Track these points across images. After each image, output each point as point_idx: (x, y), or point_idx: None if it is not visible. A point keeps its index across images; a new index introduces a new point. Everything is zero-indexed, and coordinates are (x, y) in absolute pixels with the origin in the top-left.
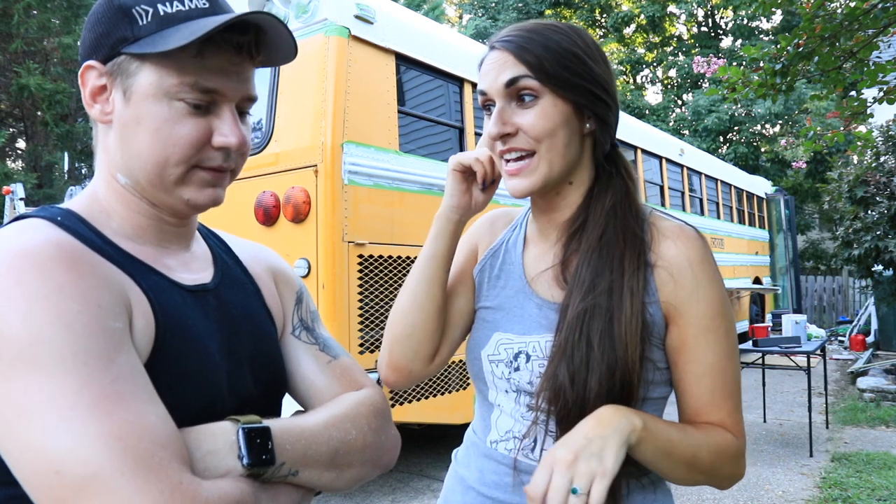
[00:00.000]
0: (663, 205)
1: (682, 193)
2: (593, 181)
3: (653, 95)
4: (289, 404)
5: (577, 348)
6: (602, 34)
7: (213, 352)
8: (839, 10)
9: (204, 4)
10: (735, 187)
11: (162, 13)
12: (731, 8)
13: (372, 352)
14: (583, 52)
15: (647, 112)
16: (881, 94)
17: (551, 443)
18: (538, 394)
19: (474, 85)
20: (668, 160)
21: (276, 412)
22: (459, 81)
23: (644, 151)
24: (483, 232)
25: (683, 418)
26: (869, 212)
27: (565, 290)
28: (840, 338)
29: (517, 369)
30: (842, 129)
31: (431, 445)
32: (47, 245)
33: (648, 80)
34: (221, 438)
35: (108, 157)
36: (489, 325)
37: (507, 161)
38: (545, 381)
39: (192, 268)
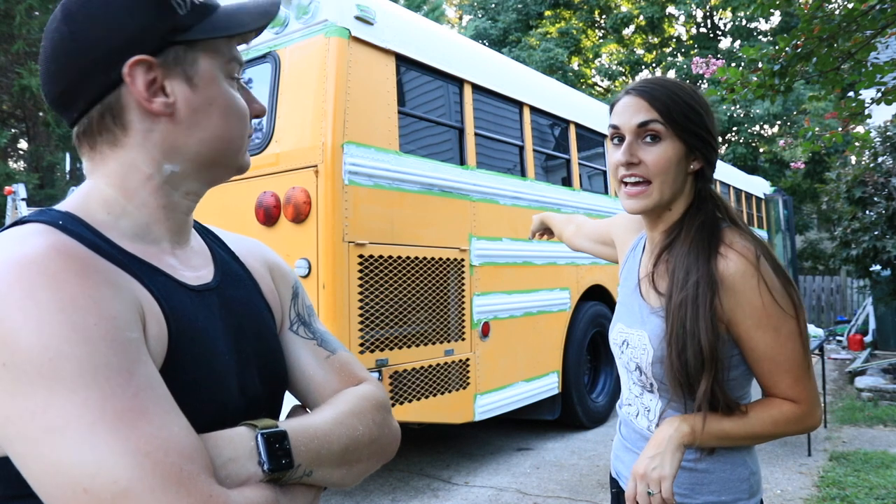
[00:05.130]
0: None
1: None
2: (689, 205)
3: None
4: (287, 399)
5: (677, 334)
6: (601, 35)
7: (223, 353)
8: (837, 12)
9: None
10: (734, 188)
11: (198, 2)
12: (729, 9)
13: (372, 351)
14: (699, 105)
15: None
16: (879, 94)
17: (646, 416)
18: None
19: (474, 86)
20: None
21: (279, 409)
22: (459, 82)
23: None
24: (622, 231)
25: (763, 391)
26: (867, 212)
27: (658, 293)
28: (838, 337)
29: (623, 352)
30: (840, 129)
31: (431, 445)
32: (55, 253)
33: None
34: (240, 445)
35: (149, 153)
36: (616, 315)
37: (627, 185)
38: (660, 360)
39: (192, 265)
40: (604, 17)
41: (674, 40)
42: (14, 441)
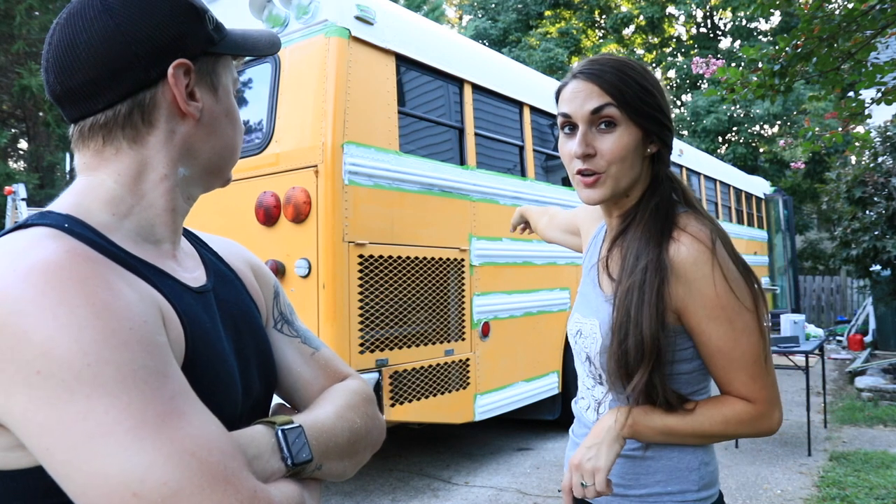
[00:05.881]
0: None
1: None
2: (646, 189)
3: None
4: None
5: (622, 322)
6: (601, 35)
7: (228, 355)
8: (837, 12)
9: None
10: (734, 188)
11: (218, 21)
12: (729, 9)
13: (372, 351)
14: (651, 85)
15: None
16: (879, 94)
17: (595, 410)
18: (600, 363)
19: (474, 86)
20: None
21: (269, 408)
22: (459, 82)
23: None
24: (586, 220)
25: (719, 388)
26: (867, 212)
27: (609, 279)
28: (838, 337)
29: (577, 343)
30: (840, 129)
31: (431, 445)
32: (79, 258)
33: None
34: (262, 442)
35: (168, 154)
36: (575, 305)
37: (583, 175)
38: (606, 350)
39: (187, 266)
40: (604, 17)
41: (674, 40)
42: (52, 450)
